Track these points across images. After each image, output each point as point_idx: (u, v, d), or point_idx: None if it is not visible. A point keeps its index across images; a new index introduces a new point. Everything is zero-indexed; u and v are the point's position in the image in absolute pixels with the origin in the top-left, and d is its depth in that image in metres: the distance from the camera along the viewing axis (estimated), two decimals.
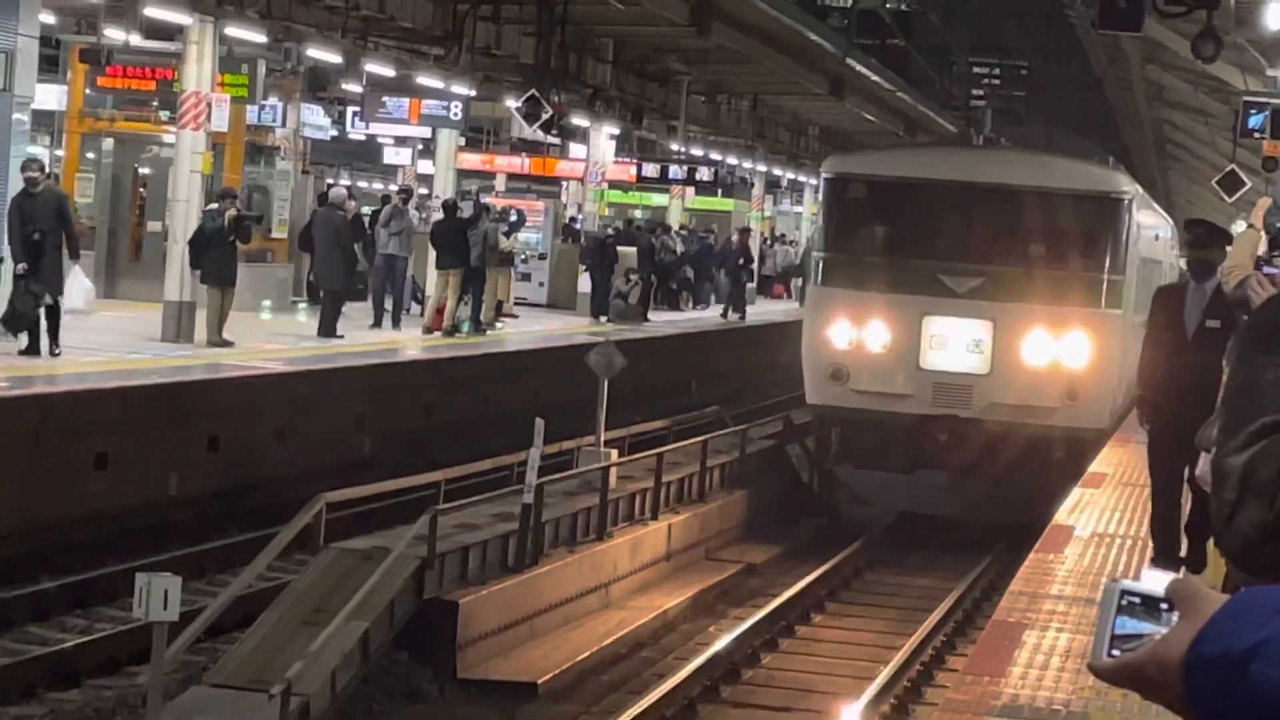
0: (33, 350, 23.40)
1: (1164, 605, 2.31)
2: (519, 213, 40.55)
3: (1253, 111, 27.44)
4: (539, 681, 17.43)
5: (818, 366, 26.33)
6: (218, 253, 27.21)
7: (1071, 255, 26.10)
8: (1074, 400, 25.01)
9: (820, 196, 28.19)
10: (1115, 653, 2.32)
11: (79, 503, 20.59)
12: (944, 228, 26.77)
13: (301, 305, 37.02)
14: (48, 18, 29.82)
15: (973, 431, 25.27)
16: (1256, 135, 27.99)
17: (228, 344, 27.08)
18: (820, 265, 27.24)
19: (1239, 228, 24.71)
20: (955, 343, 25.52)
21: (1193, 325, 13.59)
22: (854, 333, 25.88)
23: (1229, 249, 12.73)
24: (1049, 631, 11.90)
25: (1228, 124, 34.96)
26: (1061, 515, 17.50)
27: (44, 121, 38.34)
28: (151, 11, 28.56)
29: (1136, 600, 2.32)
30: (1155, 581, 2.33)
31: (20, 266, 22.99)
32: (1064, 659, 11.09)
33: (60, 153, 39.30)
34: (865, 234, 27.19)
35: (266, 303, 34.86)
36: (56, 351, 23.50)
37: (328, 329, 30.86)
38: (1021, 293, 25.27)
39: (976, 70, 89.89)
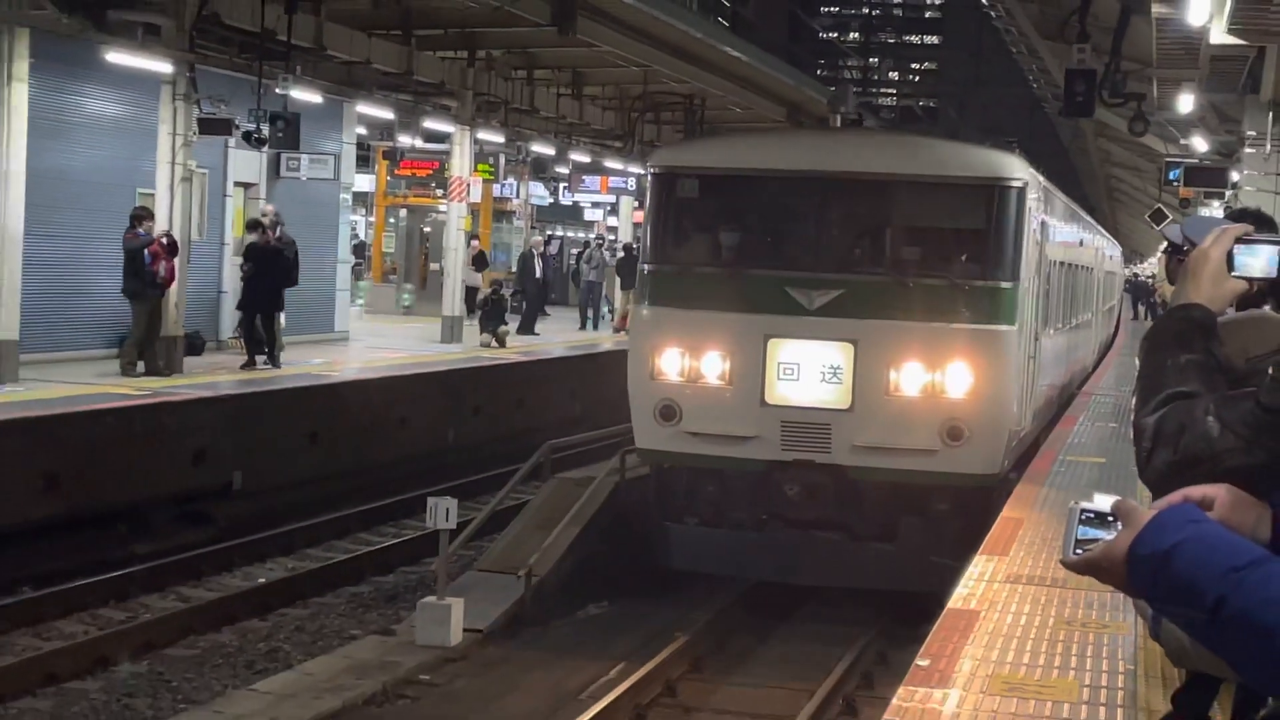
0: None
1: (1111, 518, 2.33)
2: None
3: (1172, 168, 27.03)
4: None
5: (645, 403, 14.52)
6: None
7: (951, 259, 14.58)
8: (957, 440, 13.75)
9: (647, 196, 15.96)
10: (1078, 552, 2.34)
11: (390, 450, 20.84)
12: (791, 229, 15.11)
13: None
14: (361, 130, 30.22)
15: (831, 481, 14.03)
16: (1174, 184, 27.44)
17: (488, 345, 27.46)
18: (646, 280, 14.95)
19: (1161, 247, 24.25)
20: (807, 371, 14.00)
21: None
22: (686, 361, 14.35)
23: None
24: (1041, 525, 11.74)
25: (1154, 177, 34.33)
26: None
27: (361, 199, 38.75)
28: (429, 124, 28.87)
29: (1092, 515, 2.34)
30: (1104, 502, 2.35)
31: None
32: (1049, 547, 10.94)
33: (371, 219, 39.74)
34: (699, 240, 15.30)
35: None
36: None
37: (527, 327, 31.14)
38: (888, 307, 13.93)
39: None
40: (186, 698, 11.94)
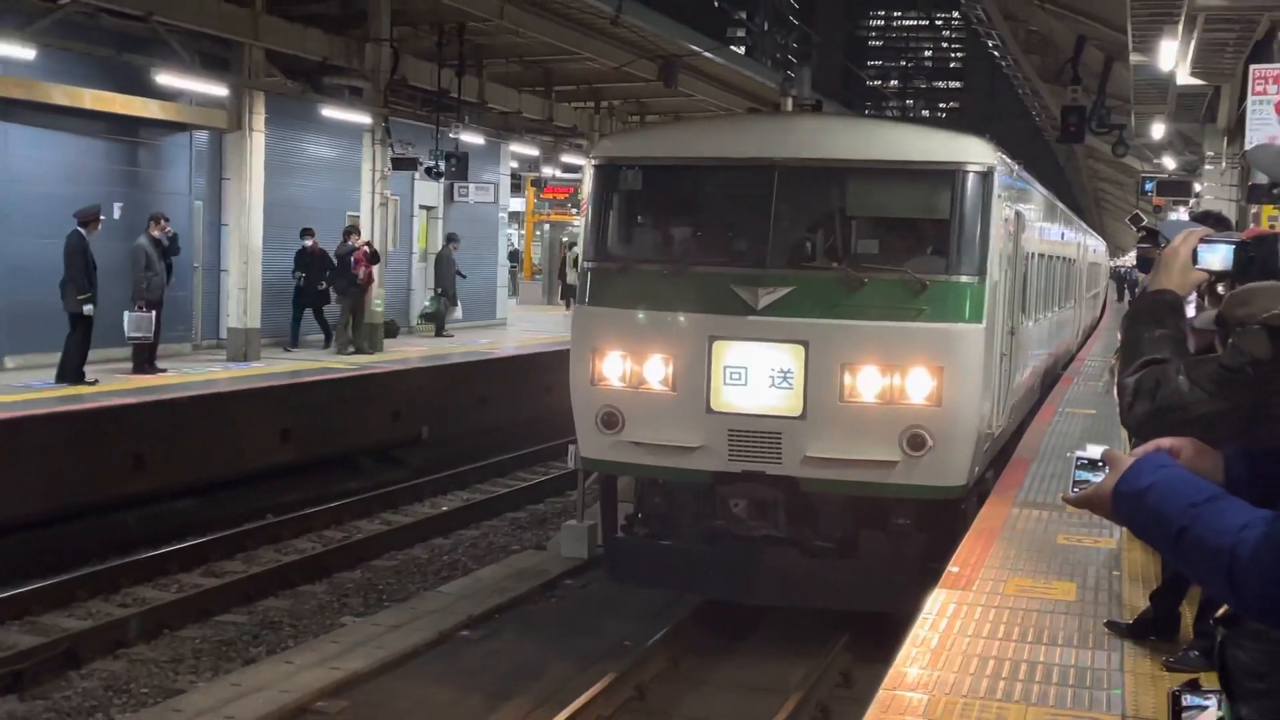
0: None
1: (1100, 464, 2.32)
2: None
3: (1147, 181, 26.48)
4: None
5: (586, 410, 10.13)
6: None
7: (911, 251, 9.88)
8: (919, 450, 9.38)
9: (589, 190, 11.04)
10: (1076, 490, 2.34)
11: (539, 409, 20.21)
12: (737, 222, 10.33)
13: None
14: (514, 164, 30.42)
15: (783, 494, 9.74)
16: (1149, 194, 26.87)
17: None
18: (587, 278, 10.41)
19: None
20: (756, 376, 9.62)
21: None
22: (627, 365, 10.01)
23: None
24: (1046, 463, 11.59)
25: (1133, 189, 33.64)
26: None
27: (515, 218, 38.99)
28: (565, 159, 28.99)
29: (1085, 461, 2.34)
30: (1095, 451, 2.35)
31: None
32: (1053, 479, 10.82)
33: (522, 232, 39.97)
34: (641, 235, 10.78)
35: None
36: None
37: None
38: (842, 305, 9.55)
39: None
40: (389, 597, 12.18)
